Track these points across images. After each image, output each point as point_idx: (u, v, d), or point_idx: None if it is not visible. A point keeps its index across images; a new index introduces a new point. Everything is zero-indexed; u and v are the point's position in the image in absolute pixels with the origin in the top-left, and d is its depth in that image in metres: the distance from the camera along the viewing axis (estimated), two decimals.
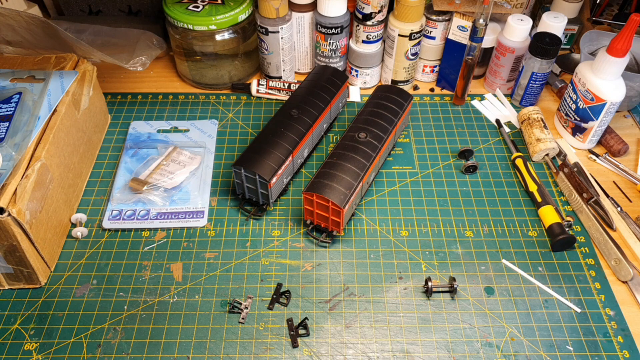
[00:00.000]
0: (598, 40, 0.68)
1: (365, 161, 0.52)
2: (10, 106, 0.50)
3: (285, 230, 0.54)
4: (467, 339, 0.46)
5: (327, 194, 0.49)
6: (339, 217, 0.50)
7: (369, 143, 0.53)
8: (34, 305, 0.48)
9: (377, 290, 0.49)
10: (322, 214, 0.51)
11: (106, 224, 0.54)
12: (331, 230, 0.52)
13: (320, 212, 0.51)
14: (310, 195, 0.50)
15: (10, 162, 0.46)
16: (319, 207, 0.50)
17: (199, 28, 0.63)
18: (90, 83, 0.59)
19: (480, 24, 0.60)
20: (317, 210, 0.51)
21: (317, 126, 0.57)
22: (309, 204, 0.51)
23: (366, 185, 0.55)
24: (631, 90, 0.63)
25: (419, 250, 0.53)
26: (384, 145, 0.55)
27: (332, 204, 0.49)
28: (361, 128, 0.55)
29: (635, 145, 0.64)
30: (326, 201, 0.49)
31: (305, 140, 0.56)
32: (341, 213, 0.49)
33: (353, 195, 0.50)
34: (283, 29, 0.65)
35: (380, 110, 0.57)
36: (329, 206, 0.49)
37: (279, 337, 0.46)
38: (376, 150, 0.53)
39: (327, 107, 0.59)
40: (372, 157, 0.53)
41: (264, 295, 0.49)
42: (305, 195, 0.50)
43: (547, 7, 0.72)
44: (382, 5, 0.63)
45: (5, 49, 0.60)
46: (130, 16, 0.77)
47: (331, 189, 0.49)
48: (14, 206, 0.43)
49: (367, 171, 0.52)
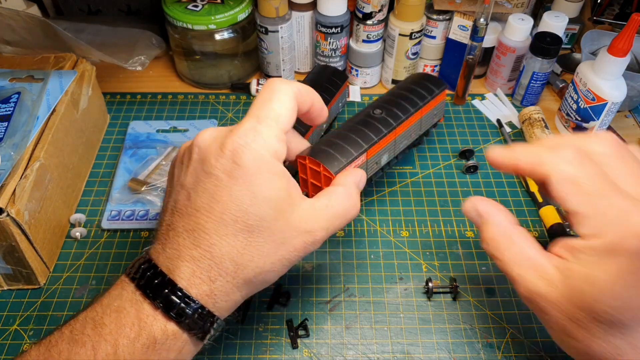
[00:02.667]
0: (599, 40, 0.67)
1: (373, 135, 0.47)
2: (9, 106, 0.50)
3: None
4: (467, 340, 0.46)
5: (321, 158, 0.43)
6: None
7: (383, 120, 0.49)
8: (32, 306, 0.48)
9: (378, 291, 0.49)
10: (316, 183, 0.45)
11: (105, 224, 0.54)
12: None
13: (314, 181, 0.45)
14: (302, 159, 0.44)
15: (8, 162, 0.46)
16: (312, 175, 0.45)
17: (199, 27, 0.62)
18: (90, 83, 0.58)
19: (481, 23, 0.60)
20: (310, 180, 0.45)
21: (316, 127, 0.57)
22: (303, 171, 0.46)
23: (374, 165, 0.49)
24: (632, 90, 0.63)
25: (419, 251, 0.53)
26: (400, 125, 0.50)
27: (323, 169, 0.43)
28: (380, 105, 0.50)
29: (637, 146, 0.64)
30: (318, 165, 0.43)
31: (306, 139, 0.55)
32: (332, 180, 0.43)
33: (350, 165, 0.45)
34: (283, 28, 0.65)
35: (406, 93, 0.52)
36: (321, 172, 0.43)
37: (279, 338, 0.46)
38: (389, 127, 0.48)
39: (327, 107, 0.59)
40: (383, 134, 0.47)
41: (263, 295, 0.49)
42: (299, 160, 0.44)
43: (548, 7, 0.72)
44: (382, 5, 0.63)
45: (4, 48, 0.60)
46: (130, 16, 0.77)
47: (327, 155, 0.44)
48: (12, 206, 0.43)
49: (372, 146, 0.46)
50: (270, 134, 0.34)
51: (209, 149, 0.34)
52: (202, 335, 0.33)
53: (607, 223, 0.31)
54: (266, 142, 0.33)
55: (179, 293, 0.32)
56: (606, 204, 0.32)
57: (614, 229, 0.31)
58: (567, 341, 0.34)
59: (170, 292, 0.32)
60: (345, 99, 0.65)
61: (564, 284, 0.32)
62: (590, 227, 0.32)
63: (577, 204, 0.32)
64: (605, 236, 0.31)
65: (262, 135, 0.33)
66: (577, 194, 0.32)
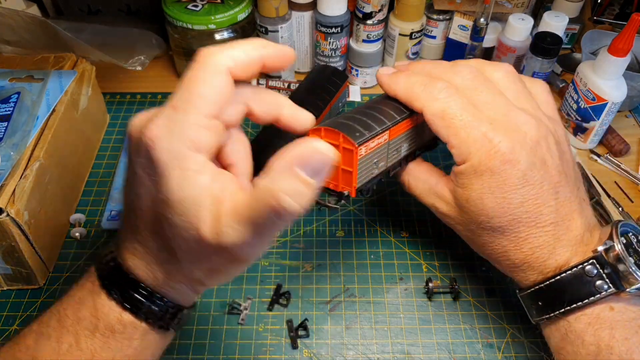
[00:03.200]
0: (599, 40, 0.67)
1: (396, 115, 0.41)
2: (9, 106, 0.50)
3: (285, 230, 0.54)
4: (467, 340, 0.46)
5: (339, 128, 0.37)
6: (351, 164, 0.38)
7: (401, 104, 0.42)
8: (32, 306, 0.48)
9: (378, 291, 0.49)
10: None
11: (105, 224, 0.54)
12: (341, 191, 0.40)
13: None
14: (317, 132, 0.38)
15: (8, 162, 0.46)
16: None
17: (198, 27, 0.62)
18: (89, 83, 0.58)
19: (481, 23, 0.60)
20: None
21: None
22: None
23: (394, 152, 0.42)
24: (633, 90, 0.63)
25: (419, 251, 0.52)
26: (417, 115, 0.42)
27: (343, 139, 0.37)
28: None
29: (637, 145, 0.64)
30: (336, 138, 0.37)
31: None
32: (354, 155, 0.37)
33: (373, 140, 0.38)
34: (283, 28, 0.65)
35: None
36: (339, 145, 0.37)
37: (279, 338, 0.46)
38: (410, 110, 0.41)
39: (327, 107, 0.59)
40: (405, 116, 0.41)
41: (263, 296, 0.49)
42: (312, 134, 0.38)
43: (548, 7, 0.72)
44: (382, 4, 0.63)
45: (3, 48, 0.60)
46: (130, 16, 0.77)
47: (345, 127, 0.37)
48: (12, 206, 0.43)
49: (395, 124, 0.40)
50: (189, 122, 0.28)
51: (132, 140, 0.30)
52: (163, 324, 0.33)
53: (469, 150, 0.37)
54: (182, 134, 0.28)
55: (133, 284, 0.32)
56: (468, 133, 0.37)
57: (475, 154, 0.36)
58: (473, 245, 0.42)
59: (125, 283, 0.31)
60: (345, 99, 0.65)
61: (455, 203, 0.40)
62: (460, 154, 0.37)
63: (447, 135, 0.38)
64: (471, 160, 0.37)
65: (177, 125, 0.28)
66: (444, 127, 0.38)
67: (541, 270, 0.38)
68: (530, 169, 0.36)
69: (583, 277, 0.36)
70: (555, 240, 0.37)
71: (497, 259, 0.40)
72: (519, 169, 0.36)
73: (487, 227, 0.38)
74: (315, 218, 0.55)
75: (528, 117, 0.38)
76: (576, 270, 0.36)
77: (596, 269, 0.35)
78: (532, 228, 0.37)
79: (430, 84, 0.38)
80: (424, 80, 0.39)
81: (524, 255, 0.38)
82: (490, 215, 0.37)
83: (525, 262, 0.38)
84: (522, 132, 0.37)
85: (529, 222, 0.37)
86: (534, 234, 0.37)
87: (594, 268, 0.35)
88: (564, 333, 0.37)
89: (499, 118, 0.37)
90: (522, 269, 0.39)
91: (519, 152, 0.36)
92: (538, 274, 0.38)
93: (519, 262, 0.38)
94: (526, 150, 0.36)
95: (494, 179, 0.36)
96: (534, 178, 0.36)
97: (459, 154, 0.37)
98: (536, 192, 0.36)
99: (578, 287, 0.36)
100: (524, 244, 0.37)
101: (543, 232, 0.37)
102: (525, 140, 0.36)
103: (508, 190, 0.36)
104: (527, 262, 0.38)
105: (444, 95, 0.38)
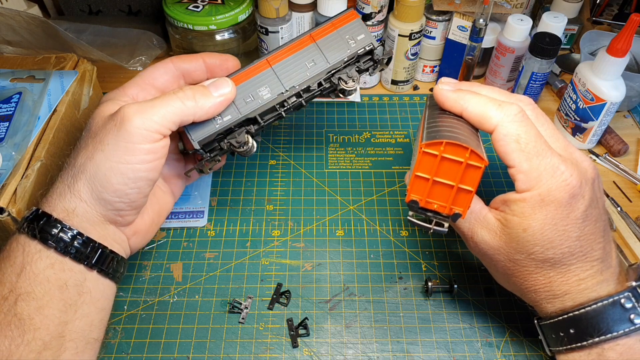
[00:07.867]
0: (598, 40, 0.68)
1: (474, 131, 0.40)
2: (10, 106, 0.50)
3: (285, 230, 0.54)
4: (467, 339, 0.46)
5: (464, 142, 0.34)
6: (473, 182, 0.36)
7: None
8: None
9: (377, 290, 0.49)
10: (445, 181, 0.36)
11: None
12: (449, 214, 0.38)
13: (444, 178, 0.36)
14: (437, 147, 0.34)
15: (10, 162, 0.46)
16: (445, 170, 0.35)
17: (199, 28, 0.63)
18: (90, 83, 0.58)
19: (480, 23, 0.60)
20: (437, 177, 0.36)
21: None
22: (428, 167, 0.35)
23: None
24: (631, 91, 0.63)
25: (419, 250, 0.53)
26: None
27: (471, 155, 0.34)
28: None
29: (635, 145, 0.64)
30: (461, 154, 0.34)
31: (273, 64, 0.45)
32: (480, 172, 0.36)
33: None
34: (283, 28, 0.65)
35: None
36: (464, 162, 0.35)
37: (279, 337, 0.46)
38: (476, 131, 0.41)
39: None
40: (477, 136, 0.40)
41: (263, 295, 0.49)
42: (427, 149, 0.35)
43: (547, 7, 0.72)
44: (382, 5, 0.63)
45: (5, 48, 0.60)
46: (130, 16, 0.77)
47: (466, 142, 0.35)
48: (13, 206, 0.43)
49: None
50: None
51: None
52: (88, 262, 0.37)
53: (539, 178, 0.36)
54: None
55: (53, 222, 0.36)
56: (540, 161, 0.37)
57: (544, 183, 0.36)
58: (508, 280, 0.41)
59: (46, 223, 0.36)
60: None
61: (504, 232, 0.39)
62: (528, 181, 0.37)
63: (518, 159, 0.37)
64: (538, 189, 0.36)
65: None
66: (517, 151, 0.37)
67: (576, 299, 0.38)
68: (591, 206, 0.37)
69: (619, 308, 0.36)
70: (600, 274, 0.38)
71: (536, 289, 0.39)
72: (584, 204, 0.37)
73: (538, 258, 0.38)
74: (315, 218, 0.55)
75: (582, 154, 0.39)
76: (612, 300, 0.37)
77: (631, 301, 0.36)
78: (582, 262, 0.38)
79: (506, 106, 0.38)
80: (496, 101, 0.39)
81: (569, 286, 0.38)
82: (546, 247, 0.37)
83: (567, 293, 0.38)
84: (583, 168, 0.38)
85: (581, 255, 0.37)
86: (582, 267, 0.38)
87: (629, 300, 0.36)
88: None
89: (562, 152, 0.38)
90: (561, 299, 0.39)
91: (584, 187, 0.37)
92: (572, 303, 0.39)
93: (561, 293, 0.39)
94: (589, 187, 0.37)
95: (559, 211, 0.36)
96: (593, 215, 0.37)
97: (527, 180, 0.37)
98: (592, 228, 0.37)
99: (614, 317, 0.36)
100: (571, 275, 0.38)
101: (590, 266, 0.38)
102: (587, 176, 0.37)
103: (570, 223, 0.36)
104: (569, 293, 0.38)
105: (519, 119, 0.38)
